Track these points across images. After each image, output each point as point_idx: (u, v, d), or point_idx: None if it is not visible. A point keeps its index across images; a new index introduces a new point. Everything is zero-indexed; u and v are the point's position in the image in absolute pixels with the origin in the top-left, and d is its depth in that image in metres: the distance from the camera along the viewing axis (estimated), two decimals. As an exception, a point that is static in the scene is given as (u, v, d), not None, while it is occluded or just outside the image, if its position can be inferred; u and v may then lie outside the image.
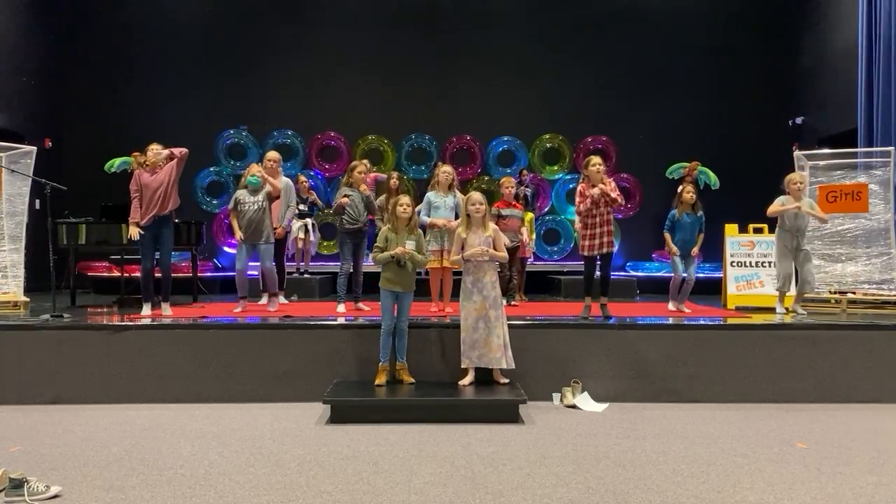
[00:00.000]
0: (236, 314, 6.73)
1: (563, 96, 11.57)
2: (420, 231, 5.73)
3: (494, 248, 5.52)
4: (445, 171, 7.10)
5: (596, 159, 6.49)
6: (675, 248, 6.94)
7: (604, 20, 11.74)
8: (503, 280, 6.80)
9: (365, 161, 7.91)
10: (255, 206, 6.81)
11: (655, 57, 11.60)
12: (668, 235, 7.00)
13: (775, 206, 6.83)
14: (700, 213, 6.97)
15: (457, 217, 6.97)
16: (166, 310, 6.59)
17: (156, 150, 6.47)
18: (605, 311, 6.45)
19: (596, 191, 6.30)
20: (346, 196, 6.88)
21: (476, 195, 5.59)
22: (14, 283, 7.45)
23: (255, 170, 6.95)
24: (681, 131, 11.25)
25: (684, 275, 7.03)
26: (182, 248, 8.67)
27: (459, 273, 5.76)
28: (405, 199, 5.63)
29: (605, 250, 6.41)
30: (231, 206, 6.97)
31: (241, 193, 6.90)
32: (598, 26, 11.72)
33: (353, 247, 7.06)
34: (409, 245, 5.51)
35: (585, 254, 6.50)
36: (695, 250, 6.98)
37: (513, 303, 7.70)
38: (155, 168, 6.46)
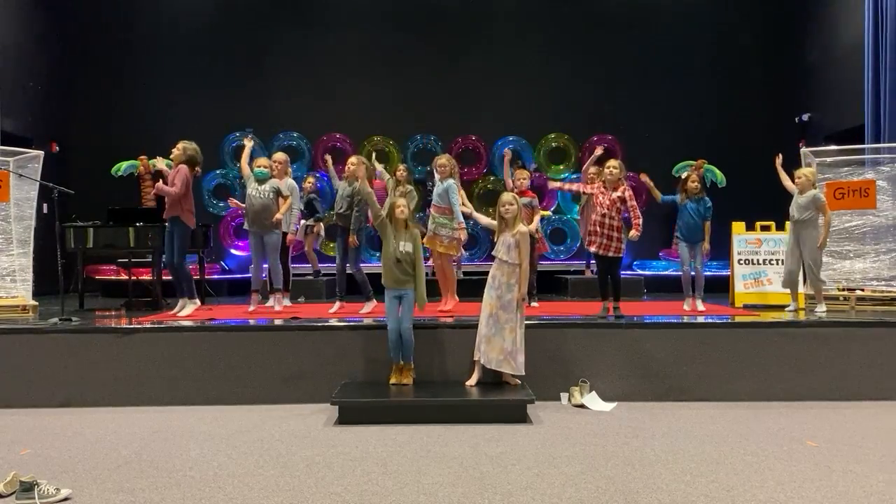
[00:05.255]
0: (248, 314, 6.78)
1: (568, 95, 11.53)
2: (417, 232, 5.74)
3: (518, 250, 5.49)
4: (443, 161, 7.04)
5: (613, 162, 6.52)
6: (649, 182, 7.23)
7: (609, 18, 11.69)
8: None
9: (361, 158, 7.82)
10: (261, 197, 6.88)
11: (661, 55, 11.55)
12: (657, 193, 7.24)
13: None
14: (705, 197, 7.02)
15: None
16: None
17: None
18: (616, 312, 6.46)
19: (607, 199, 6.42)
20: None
21: (506, 196, 5.63)
22: (23, 287, 7.48)
23: (262, 162, 7.04)
24: (687, 129, 11.21)
25: (693, 272, 7.05)
26: (189, 251, 8.69)
27: (480, 272, 5.83)
28: (402, 202, 5.69)
29: (610, 254, 6.41)
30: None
31: (253, 183, 7.01)
32: (603, 25, 11.68)
33: (340, 241, 7.04)
34: (406, 247, 5.55)
35: (591, 250, 6.59)
36: (705, 245, 6.99)
37: (533, 304, 7.71)
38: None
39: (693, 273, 7.11)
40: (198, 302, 6.83)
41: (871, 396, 5.77)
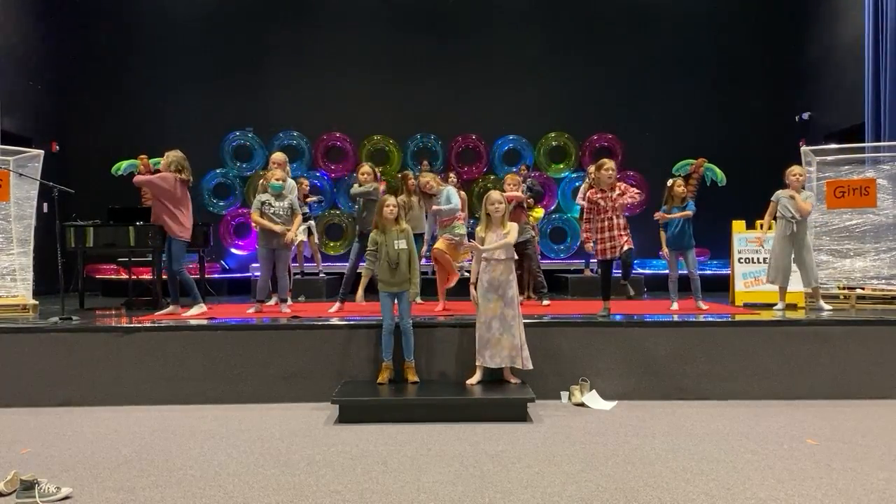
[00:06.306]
0: (249, 314, 6.81)
1: (568, 94, 11.56)
2: (409, 228, 5.72)
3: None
4: (426, 179, 7.22)
5: (609, 163, 6.47)
6: (665, 250, 7.28)
7: (609, 17, 11.72)
8: (520, 281, 6.91)
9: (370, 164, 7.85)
10: (280, 212, 6.91)
11: (661, 54, 11.57)
12: (663, 234, 7.27)
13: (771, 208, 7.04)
14: (687, 202, 7.05)
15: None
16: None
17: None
18: (627, 289, 6.51)
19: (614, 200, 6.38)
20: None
21: (495, 194, 5.60)
22: (23, 287, 7.48)
23: (279, 175, 7.03)
24: (687, 128, 11.23)
25: (683, 271, 7.07)
26: (189, 250, 8.68)
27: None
28: (391, 200, 5.65)
29: (617, 255, 6.40)
30: (254, 209, 7.02)
31: (267, 197, 6.99)
32: (603, 23, 11.70)
33: (356, 245, 7.28)
34: (400, 244, 5.54)
35: (598, 258, 6.58)
36: (660, 215, 7.06)
37: (544, 302, 7.70)
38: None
39: (680, 274, 7.14)
40: (203, 307, 6.82)
41: (871, 395, 5.77)
